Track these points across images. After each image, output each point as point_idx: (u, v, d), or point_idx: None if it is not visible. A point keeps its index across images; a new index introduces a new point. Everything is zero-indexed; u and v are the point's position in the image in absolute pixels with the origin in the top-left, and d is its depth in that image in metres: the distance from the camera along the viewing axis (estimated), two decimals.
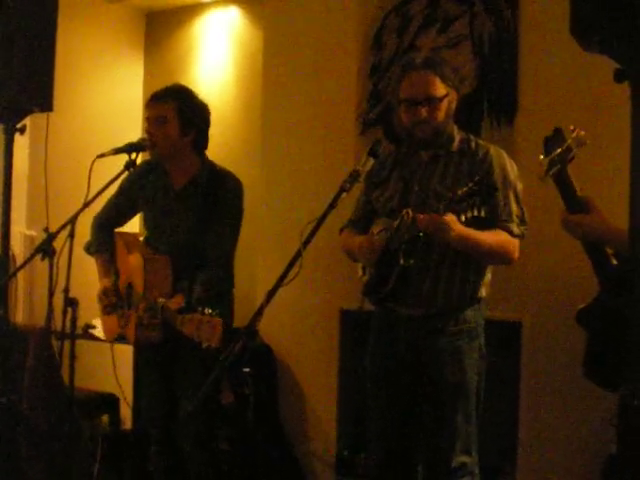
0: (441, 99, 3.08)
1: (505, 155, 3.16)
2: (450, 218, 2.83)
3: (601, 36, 1.97)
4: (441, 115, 3.10)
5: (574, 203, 2.67)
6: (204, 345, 2.96)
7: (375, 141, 3.10)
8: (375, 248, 3.10)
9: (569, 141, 2.65)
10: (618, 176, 2.29)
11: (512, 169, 3.13)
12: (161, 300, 3.20)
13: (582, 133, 2.64)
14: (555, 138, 2.71)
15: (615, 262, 2.67)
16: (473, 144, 3.18)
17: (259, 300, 2.56)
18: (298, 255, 2.58)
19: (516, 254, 3.11)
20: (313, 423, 4.77)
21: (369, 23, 4.59)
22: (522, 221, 3.11)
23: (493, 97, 4.14)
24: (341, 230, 3.43)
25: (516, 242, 3.09)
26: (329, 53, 4.77)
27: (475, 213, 2.77)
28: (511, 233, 3.06)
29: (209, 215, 3.44)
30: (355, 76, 4.63)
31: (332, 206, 2.78)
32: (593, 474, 3.61)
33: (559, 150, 2.66)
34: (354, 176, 2.89)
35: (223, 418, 4.37)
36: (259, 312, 2.57)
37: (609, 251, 2.68)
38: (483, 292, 3.19)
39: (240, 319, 2.91)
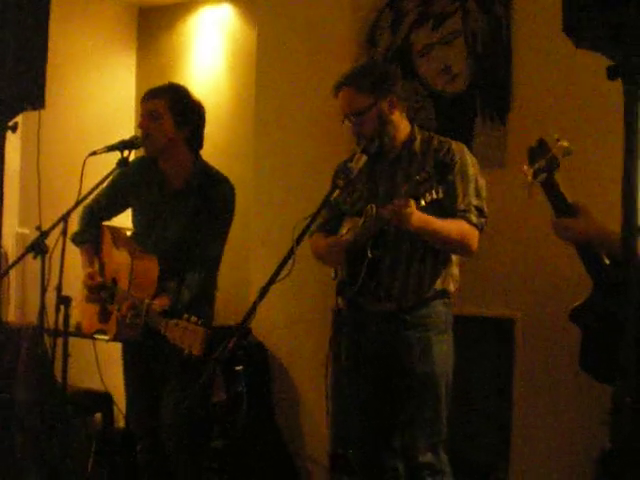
0: (362, 112, 3.15)
1: (467, 151, 3.21)
2: (410, 204, 2.85)
3: (594, 33, 1.97)
4: (368, 126, 3.16)
5: (562, 208, 2.71)
6: (185, 352, 2.97)
7: (368, 139, 3.11)
8: (341, 246, 3.16)
9: (553, 150, 2.69)
10: (611, 174, 2.29)
11: (472, 163, 3.18)
12: (146, 301, 3.20)
13: (566, 144, 2.68)
14: (539, 148, 2.76)
15: (607, 261, 2.68)
16: (435, 141, 3.23)
17: (252, 298, 2.56)
18: (291, 252, 2.58)
19: (475, 244, 3.14)
20: (307, 421, 4.77)
21: (363, 19, 4.58)
22: (481, 213, 3.14)
23: (486, 94, 4.14)
24: (311, 234, 3.42)
25: (475, 232, 3.12)
26: (322, 49, 4.76)
27: (434, 196, 2.82)
28: (469, 222, 3.10)
29: (200, 218, 3.44)
30: None
31: (325, 203, 2.79)
32: (586, 471, 3.62)
33: (543, 160, 2.70)
34: (347, 173, 2.90)
35: (216, 416, 4.36)
36: (252, 309, 2.57)
37: (602, 254, 2.69)
38: (451, 286, 3.23)
39: (233, 317, 2.90)
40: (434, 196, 2.82)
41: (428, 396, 3.12)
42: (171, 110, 3.45)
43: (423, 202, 2.85)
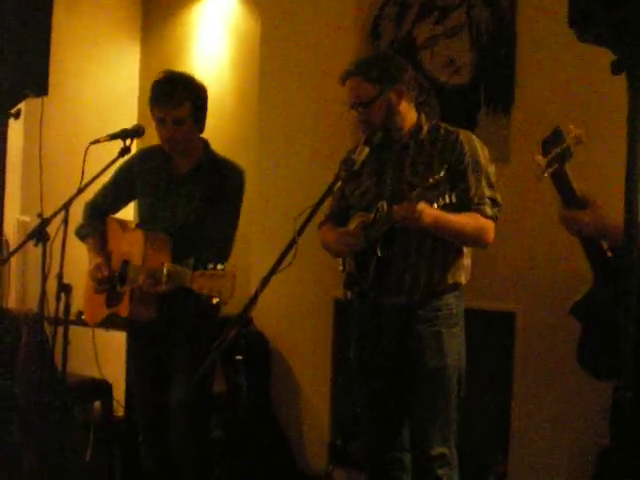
0: (370, 102, 3.11)
1: (475, 138, 3.16)
2: (423, 205, 2.84)
3: (598, 28, 1.97)
4: (376, 116, 3.12)
5: (572, 200, 2.67)
6: (214, 301, 2.94)
7: (374, 129, 3.11)
8: (357, 235, 3.11)
9: (568, 140, 2.64)
10: (615, 167, 2.28)
11: (482, 152, 3.13)
12: (166, 264, 3.13)
13: (580, 131, 2.63)
14: (554, 138, 2.70)
15: (610, 254, 2.67)
16: (442, 130, 3.18)
17: (253, 288, 2.56)
18: (293, 243, 2.58)
19: (491, 236, 3.11)
20: (306, 412, 4.78)
21: (366, 11, 4.57)
22: (495, 203, 3.10)
23: (490, 87, 4.14)
24: (320, 225, 3.42)
25: (490, 224, 3.09)
26: (326, 41, 4.76)
27: (447, 200, 2.80)
28: (484, 215, 3.07)
29: (211, 200, 3.43)
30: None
31: (327, 194, 2.78)
32: (586, 467, 3.62)
33: (558, 150, 2.65)
34: (349, 165, 2.89)
35: (215, 406, 4.37)
36: (253, 300, 2.57)
37: (604, 245, 2.68)
38: (462, 278, 3.20)
39: (234, 307, 2.90)
40: (447, 201, 2.80)
41: (440, 390, 3.09)
42: (192, 113, 3.43)
43: (435, 206, 2.84)
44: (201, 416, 3.53)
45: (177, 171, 3.54)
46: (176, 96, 3.40)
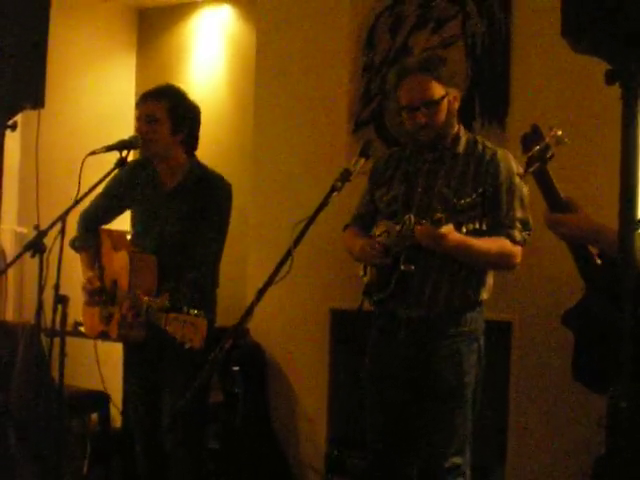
0: (439, 101, 3.05)
1: (512, 158, 3.11)
2: (446, 229, 2.79)
3: (592, 38, 1.98)
4: (441, 117, 3.07)
5: (556, 202, 2.67)
6: (186, 345, 2.97)
7: (366, 141, 3.10)
8: (381, 250, 3.05)
9: (547, 139, 2.65)
10: (610, 177, 2.29)
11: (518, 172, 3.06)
12: (146, 299, 3.19)
13: (560, 132, 2.64)
14: (533, 135, 2.71)
15: (599, 262, 2.67)
16: (480, 146, 3.14)
17: (249, 299, 2.56)
18: (288, 254, 2.58)
19: (518, 260, 3.08)
20: (303, 422, 4.77)
21: (362, 22, 4.59)
22: (525, 226, 3.06)
23: (485, 98, 4.15)
24: (345, 227, 3.41)
25: (517, 249, 3.05)
26: (321, 52, 4.77)
27: (477, 226, 2.74)
28: (513, 240, 3.03)
29: (197, 216, 3.45)
30: (347, 75, 4.63)
31: (323, 206, 2.78)
32: (582, 475, 3.62)
33: (537, 147, 2.66)
34: (345, 176, 2.89)
35: (212, 416, 4.37)
36: (249, 311, 2.57)
37: (593, 251, 2.68)
38: (484, 295, 3.16)
39: (230, 318, 2.91)
40: (476, 227, 2.74)
41: (457, 408, 3.07)
42: (169, 115, 3.45)
43: (464, 229, 2.79)
44: (196, 427, 3.53)
45: (164, 186, 3.56)
46: (153, 94, 3.49)
